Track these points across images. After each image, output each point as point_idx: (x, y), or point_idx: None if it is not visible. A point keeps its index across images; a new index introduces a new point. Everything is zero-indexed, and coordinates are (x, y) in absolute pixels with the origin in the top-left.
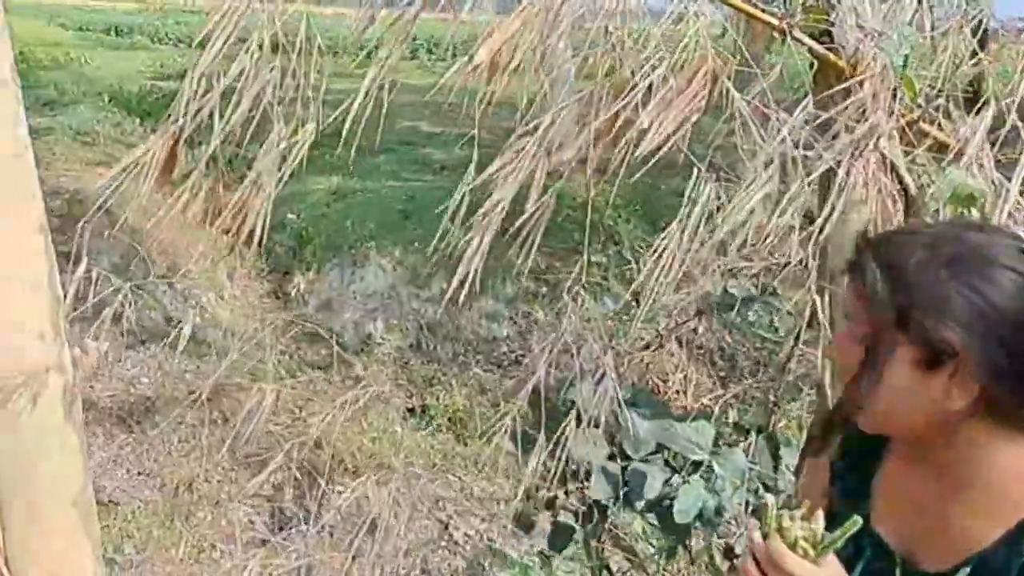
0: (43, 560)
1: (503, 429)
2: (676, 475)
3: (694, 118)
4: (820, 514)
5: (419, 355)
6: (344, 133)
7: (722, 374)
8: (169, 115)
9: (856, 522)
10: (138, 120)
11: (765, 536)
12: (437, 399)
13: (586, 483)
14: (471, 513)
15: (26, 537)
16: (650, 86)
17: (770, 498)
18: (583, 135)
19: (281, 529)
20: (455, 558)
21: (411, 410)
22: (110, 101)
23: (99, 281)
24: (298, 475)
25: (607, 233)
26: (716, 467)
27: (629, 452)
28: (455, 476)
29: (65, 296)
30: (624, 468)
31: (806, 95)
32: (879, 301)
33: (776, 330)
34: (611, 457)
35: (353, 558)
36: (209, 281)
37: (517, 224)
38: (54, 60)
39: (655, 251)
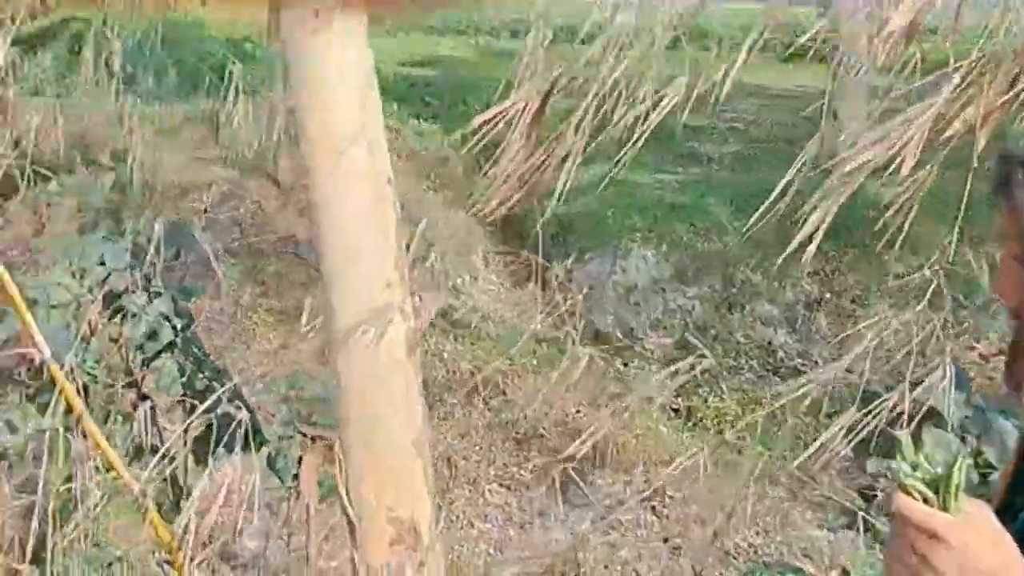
0: (382, 497)
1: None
2: None
3: None
4: (959, 457)
5: (685, 354)
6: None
7: None
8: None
9: (963, 453)
10: (394, 104)
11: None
12: (705, 401)
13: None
14: (742, 524)
15: (364, 471)
16: None
17: (903, 437)
18: (969, 109)
19: (540, 515)
20: (727, 570)
21: (676, 411)
22: None
23: None
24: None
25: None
26: None
27: (992, 460)
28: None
29: (408, 247)
30: (984, 476)
31: None
32: None
33: None
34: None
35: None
36: (465, 265)
37: (889, 198)
38: None
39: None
